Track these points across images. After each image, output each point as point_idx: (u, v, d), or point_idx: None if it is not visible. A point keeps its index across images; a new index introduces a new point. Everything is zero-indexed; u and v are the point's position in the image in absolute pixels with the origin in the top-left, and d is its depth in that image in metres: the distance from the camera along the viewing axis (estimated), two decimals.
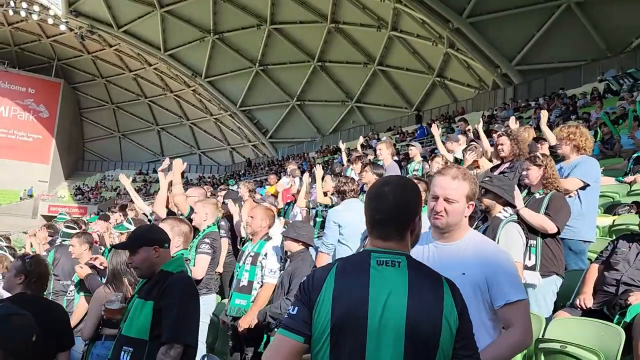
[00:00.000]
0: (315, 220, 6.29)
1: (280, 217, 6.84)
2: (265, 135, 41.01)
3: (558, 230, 3.63)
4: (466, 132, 9.30)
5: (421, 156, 8.26)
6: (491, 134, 7.66)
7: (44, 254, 5.50)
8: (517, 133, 5.77)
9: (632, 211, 5.50)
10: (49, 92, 47.64)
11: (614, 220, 5.36)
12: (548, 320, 3.30)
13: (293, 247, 4.24)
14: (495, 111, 21.71)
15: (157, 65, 41.77)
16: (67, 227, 6.00)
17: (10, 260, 5.32)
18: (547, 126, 6.28)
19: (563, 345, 2.86)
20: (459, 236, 2.13)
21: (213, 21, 35.54)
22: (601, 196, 5.60)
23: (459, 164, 6.56)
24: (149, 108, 48.43)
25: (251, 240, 4.60)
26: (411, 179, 1.85)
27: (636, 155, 7.49)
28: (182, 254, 3.19)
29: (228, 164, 46.37)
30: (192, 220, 4.71)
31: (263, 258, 4.40)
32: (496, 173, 4.82)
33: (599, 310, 3.28)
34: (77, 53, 46.01)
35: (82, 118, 51.75)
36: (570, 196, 4.11)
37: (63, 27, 39.28)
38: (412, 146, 8.37)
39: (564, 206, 3.75)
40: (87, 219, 12.25)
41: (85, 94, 50.29)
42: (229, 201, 6.26)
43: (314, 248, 5.92)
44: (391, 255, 1.62)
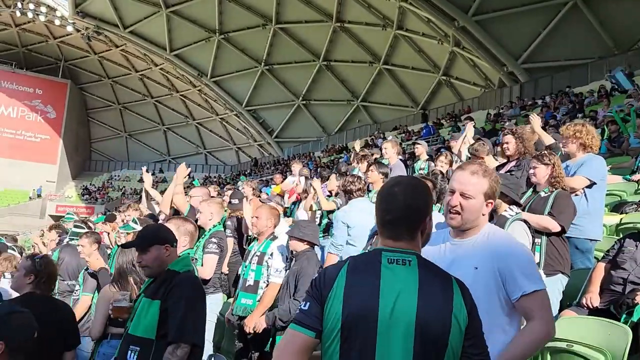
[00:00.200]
0: (321, 221, 6.29)
1: (286, 217, 6.85)
2: (271, 134, 41.06)
3: (563, 228, 3.62)
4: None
5: (427, 155, 8.23)
6: (498, 133, 7.64)
7: (49, 254, 5.54)
8: (523, 131, 5.74)
9: None
10: (56, 93, 47.93)
11: (621, 218, 5.31)
12: (554, 319, 3.29)
13: (298, 247, 4.24)
14: (501, 109, 21.62)
15: (163, 65, 41.93)
16: (76, 227, 6.04)
17: (18, 259, 5.36)
18: (554, 125, 6.25)
19: (569, 344, 2.84)
20: (475, 232, 2.08)
21: (218, 21, 35.60)
22: (608, 194, 5.56)
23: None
24: (155, 108, 48.62)
25: (257, 239, 4.62)
26: (422, 179, 1.86)
27: None
28: (188, 254, 3.21)
29: (234, 164, 46.46)
30: (197, 219, 4.74)
31: (269, 258, 4.41)
32: (502, 172, 4.80)
33: (606, 309, 3.27)
34: (84, 54, 46.26)
35: (89, 118, 52.02)
36: (576, 194, 4.09)
37: (70, 28, 39.50)
38: (418, 144, 8.33)
39: (569, 205, 3.73)
40: (94, 219, 12.30)
41: (92, 95, 50.56)
42: (245, 204, 6.27)
43: (320, 247, 5.93)
44: (402, 254, 1.64)
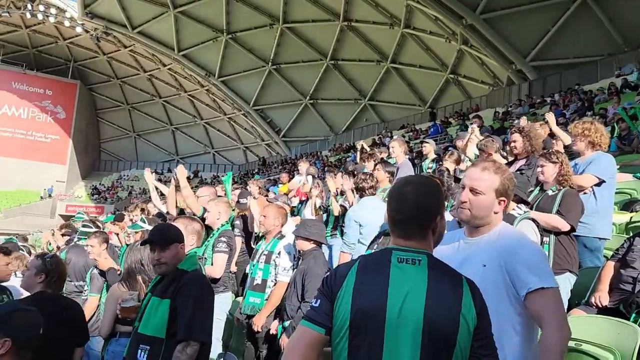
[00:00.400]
0: (328, 220, 6.29)
1: (294, 216, 6.85)
2: (278, 134, 41.11)
3: (572, 228, 3.60)
4: (480, 129, 9.21)
5: (435, 153, 8.19)
6: (506, 131, 7.59)
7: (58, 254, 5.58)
8: (531, 129, 5.71)
9: None
10: (66, 94, 48.30)
11: (631, 217, 5.26)
12: (566, 318, 3.26)
13: (305, 246, 4.25)
14: (510, 108, 21.50)
15: (171, 65, 42.12)
16: (84, 227, 6.06)
17: (28, 259, 5.40)
18: (563, 123, 6.20)
19: (578, 343, 2.83)
20: (487, 231, 2.05)
21: (226, 21, 35.69)
22: (618, 193, 5.51)
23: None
24: (164, 108, 48.86)
25: (264, 238, 4.64)
26: (433, 178, 1.84)
27: None
28: (196, 252, 3.23)
29: (242, 163, 46.59)
30: (205, 219, 4.76)
31: (276, 257, 4.42)
32: (511, 170, 4.77)
33: (615, 308, 3.24)
34: (93, 54, 46.59)
35: (98, 119, 52.38)
36: (585, 193, 4.07)
37: (79, 29, 39.81)
38: (426, 143, 8.28)
39: (577, 203, 3.70)
40: (103, 219, 12.38)
41: (101, 95, 50.89)
42: (251, 199, 6.28)
43: (327, 246, 5.93)
44: (412, 253, 1.64)
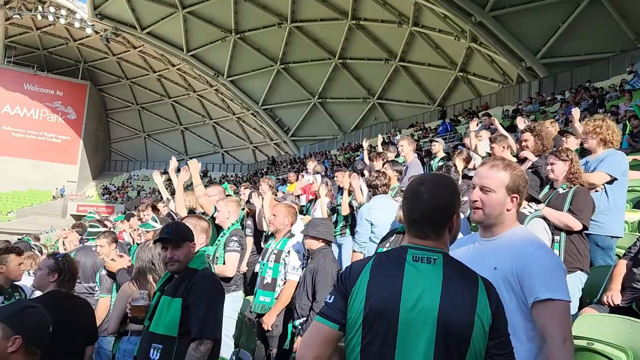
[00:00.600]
0: (337, 219, 6.29)
1: (303, 215, 6.86)
2: (287, 133, 41.16)
3: (584, 226, 3.57)
4: (489, 127, 9.17)
5: (444, 152, 8.16)
6: (516, 129, 7.54)
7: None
8: (542, 128, 5.67)
9: None
10: (76, 94, 48.70)
11: None
12: (574, 317, 3.24)
13: (313, 245, 4.26)
14: (520, 105, 21.35)
15: (180, 65, 42.33)
16: (91, 227, 6.06)
17: (40, 258, 5.46)
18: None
19: (590, 342, 2.80)
20: (501, 231, 2.01)
21: (234, 21, 35.78)
22: (630, 191, 5.45)
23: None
24: (173, 108, 49.11)
25: (274, 237, 4.65)
26: (449, 177, 1.83)
27: None
28: (204, 251, 3.25)
29: (251, 163, 46.73)
30: (214, 218, 4.78)
31: (286, 255, 4.43)
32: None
33: (627, 307, 3.21)
34: (103, 55, 46.93)
35: (108, 119, 52.78)
36: (596, 191, 4.03)
37: (89, 30, 40.10)
38: (436, 142, 8.26)
39: (588, 201, 3.67)
40: (113, 218, 12.49)
41: (110, 95, 51.28)
42: (254, 194, 6.30)
43: (337, 245, 5.93)
44: (428, 252, 1.64)
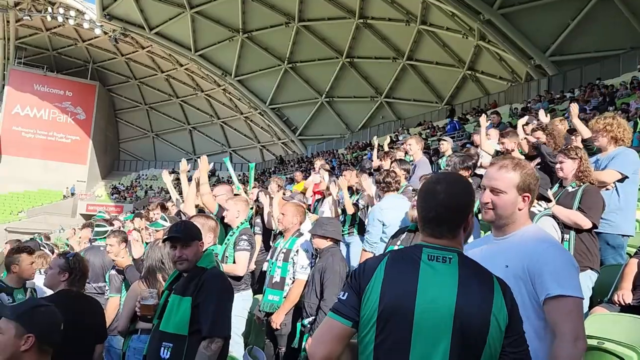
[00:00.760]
0: (344, 218, 6.28)
1: (311, 214, 6.86)
2: (294, 132, 41.19)
3: (594, 224, 3.55)
4: (498, 126, 9.13)
5: (452, 151, 8.13)
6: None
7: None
8: (553, 126, 5.64)
9: None
10: (86, 95, 49.05)
11: None
12: (584, 316, 3.22)
13: (321, 244, 4.26)
14: (529, 104, 21.22)
15: (188, 65, 42.48)
16: (98, 226, 6.05)
17: (51, 257, 5.50)
18: (584, 119, 6.11)
19: (600, 341, 2.79)
20: (513, 230, 2.00)
21: (242, 20, 35.84)
22: None
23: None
24: (181, 108, 49.32)
25: (283, 236, 4.66)
26: (464, 177, 1.82)
27: None
28: (212, 250, 3.27)
29: (258, 162, 46.80)
30: (224, 217, 4.80)
31: (295, 254, 4.44)
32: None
33: (638, 306, 3.19)
34: (111, 56, 47.22)
35: (117, 119, 53.11)
36: (607, 189, 4.00)
37: (98, 31, 40.35)
38: (444, 141, 8.23)
39: (598, 200, 3.65)
40: (123, 218, 12.55)
41: (119, 96, 51.59)
42: (261, 193, 6.32)
43: (345, 244, 5.93)
44: (443, 251, 1.63)
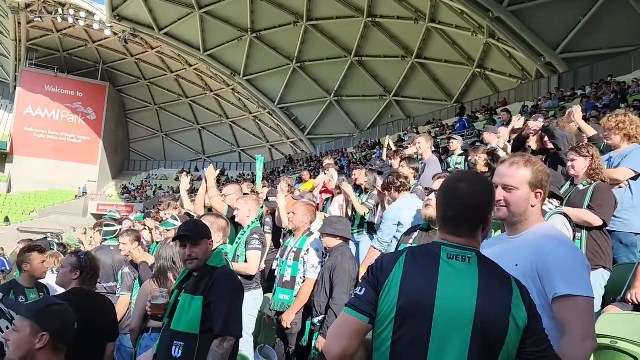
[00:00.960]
0: (354, 217, 6.28)
1: (320, 213, 6.87)
2: (303, 132, 41.20)
3: (605, 222, 3.51)
4: (508, 124, 9.05)
5: (462, 149, 8.10)
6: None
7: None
8: (564, 125, 5.58)
9: None
10: (96, 95, 49.43)
11: None
12: (597, 315, 3.20)
13: (331, 243, 4.26)
14: (539, 101, 21.05)
15: (197, 65, 42.64)
16: (107, 226, 6.05)
17: (62, 256, 5.55)
18: (595, 116, 6.05)
19: (613, 340, 2.76)
20: (526, 228, 1.99)
21: (250, 20, 35.89)
22: None
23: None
24: (190, 108, 49.53)
25: (293, 235, 4.67)
26: (485, 176, 1.82)
27: None
28: (222, 249, 3.28)
29: (267, 161, 46.85)
30: (234, 217, 4.82)
31: (305, 254, 4.45)
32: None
33: None
34: (121, 56, 47.53)
35: (127, 119, 53.46)
36: (620, 187, 3.96)
37: (107, 32, 40.65)
38: (454, 139, 8.20)
39: (609, 197, 3.62)
40: (134, 217, 12.63)
41: (129, 96, 51.91)
42: (278, 195, 6.32)
43: (354, 242, 5.92)
44: (462, 250, 1.63)
